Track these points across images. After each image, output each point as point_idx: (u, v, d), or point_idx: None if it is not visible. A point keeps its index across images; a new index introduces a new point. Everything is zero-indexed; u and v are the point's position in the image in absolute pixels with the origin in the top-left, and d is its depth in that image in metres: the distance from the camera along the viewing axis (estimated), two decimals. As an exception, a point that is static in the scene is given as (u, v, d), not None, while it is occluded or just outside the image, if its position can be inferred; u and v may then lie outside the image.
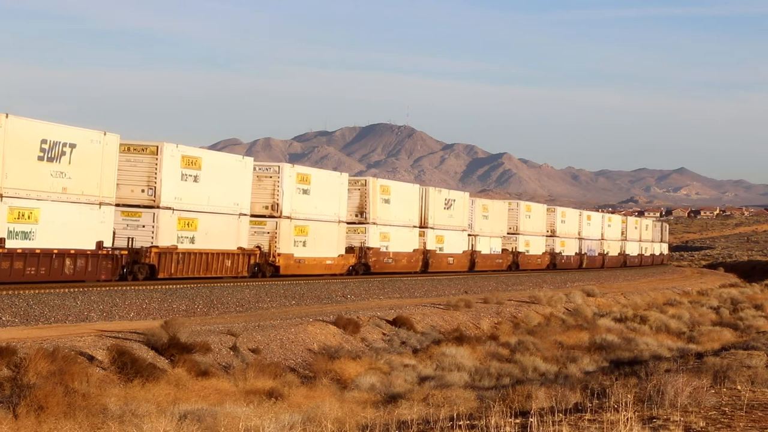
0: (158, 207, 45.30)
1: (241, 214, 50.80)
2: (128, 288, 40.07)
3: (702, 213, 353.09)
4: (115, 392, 21.99)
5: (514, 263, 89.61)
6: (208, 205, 48.40)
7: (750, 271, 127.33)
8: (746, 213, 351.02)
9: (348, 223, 62.16)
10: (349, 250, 62.15)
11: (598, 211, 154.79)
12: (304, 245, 56.30)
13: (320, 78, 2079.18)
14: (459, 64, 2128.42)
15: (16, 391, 19.73)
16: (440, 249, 74.33)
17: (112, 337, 26.71)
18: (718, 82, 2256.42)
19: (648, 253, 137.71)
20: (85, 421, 18.25)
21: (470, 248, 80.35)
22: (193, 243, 47.29)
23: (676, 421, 15.22)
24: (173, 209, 46.06)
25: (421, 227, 71.58)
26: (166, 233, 45.54)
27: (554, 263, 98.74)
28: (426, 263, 71.64)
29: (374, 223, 64.68)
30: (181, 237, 46.63)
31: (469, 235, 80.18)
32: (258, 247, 52.93)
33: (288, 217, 54.70)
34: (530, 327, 45.46)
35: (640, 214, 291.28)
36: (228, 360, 28.15)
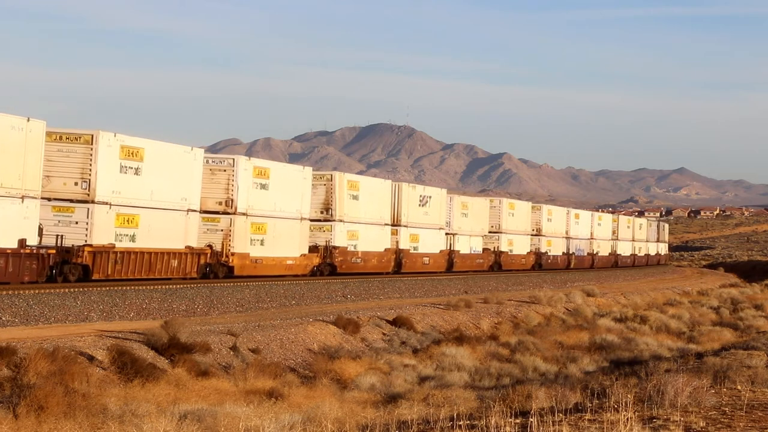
0: (93, 202, 41.90)
1: (189, 210, 47.21)
2: (128, 288, 40.07)
3: (702, 213, 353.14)
4: (115, 392, 21.99)
5: (496, 263, 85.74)
6: (152, 200, 44.67)
7: (750, 271, 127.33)
8: (746, 213, 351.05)
9: (312, 220, 58.71)
10: (314, 249, 58.64)
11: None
12: (261, 244, 52.71)
13: (320, 78, 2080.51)
14: (459, 64, 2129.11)
15: (16, 391, 19.73)
16: (415, 248, 70.63)
17: (112, 337, 26.71)
18: (718, 82, 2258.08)
19: (642, 253, 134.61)
20: (85, 421, 18.25)
21: (448, 248, 76.57)
22: (133, 241, 43.81)
23: (676, 421, 15.22)
24: (110, 204, 42.64)
25: (393, 225, 67.95)
26: (102, 230, 42.10)
27: (540, 263, 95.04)
28: (399, 263, 67.99)
29: (341, 221, 61.12)
30: (120, 235, 43.05)
31: (446, 233, 76.44)
32: (210, 246, 49.41)
33: (244, 214, 51.18)
34: (530, 327, 45.45)
35: (640, 214, 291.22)
36: (228, 360, 28.15)
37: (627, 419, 14.61)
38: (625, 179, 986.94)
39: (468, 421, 15.62)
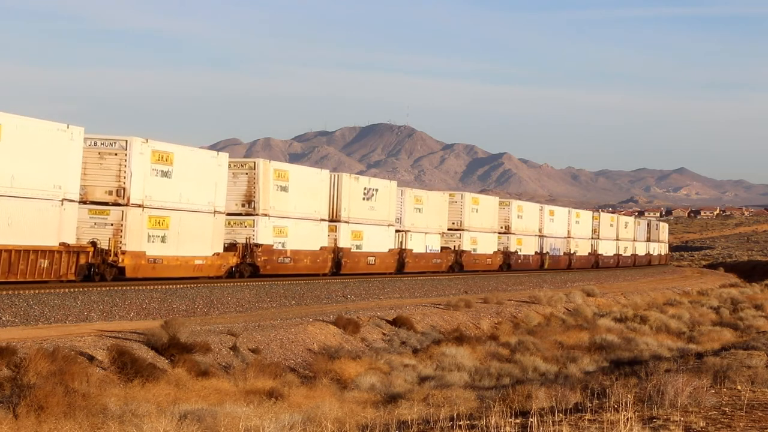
0: None
1: (65, 200, 40.48)
2: (128, 288, 40.06)
3: (702, 213, 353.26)
4: (115, 392, 21.99)
5: (457, 263, 78.21)
6: (12, 187, 37.74)
7: (750, 271, 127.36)
8: (746, 213, 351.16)
9: (231, 214, 51.87)
10: (232, 247, 51.63)
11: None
12: (163, 241, 45.62)
13: (320, 78, 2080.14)
14: (459, 64, 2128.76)
15: (16, 391, 19.73)
16: (357, 247, 63.24)
17: (112, 337, 26.71)
18: (718, 82, 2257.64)
19: (628, 254, 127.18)
20: (85, 421, 18.25)
21: (398, 246, 69.44)
22: None
23: (676, 421, 15.22)
24: None
25: (331, 221, 60.60)
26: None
27: (508, 263, 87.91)
28: (338, 263, 60.86)
29: (266, 215, 53.65)
30: None
31: (397, 231, 69.12)
32: (93, 242, 42.22)
33: (139, 206, 44.05)
34: (530, 327, 45.46)
35: (640, 214, 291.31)
36: (228, 360, 28.15)
37: (627, 419, 14.61)
38: (625, 179, 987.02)
39: (468, 421, 15.62)
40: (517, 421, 15.95)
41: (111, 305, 35.08)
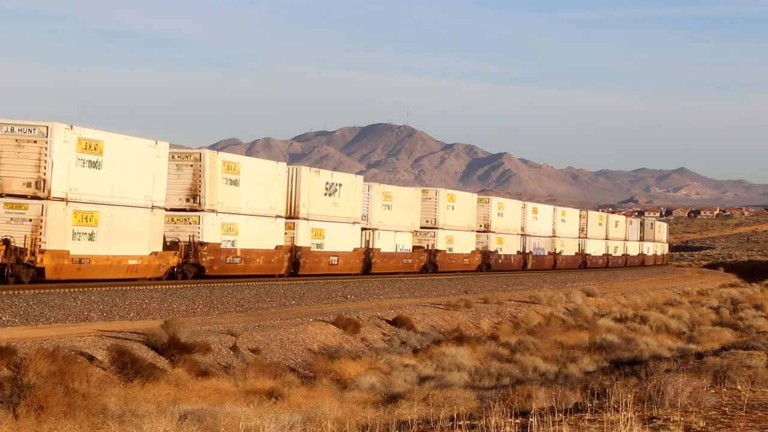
0: None
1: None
2: (128, 288, 40.02)
3: (702, 213, 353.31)
4: (115, 392, 21.99)
5: (431, 264, 73.68)
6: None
7: (750, 271, 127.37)
8: (746, 213, 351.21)
9: (174, 210, 47.80)
10: (174, 245, 47.09)
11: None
12: (91, 239, 41.19)
13: (320, 78, 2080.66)
14: (459, 64, 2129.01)
15: (16, 391, 19.73)
16: (318, 246, 58.50)
17: (112, 337, 26.72)
18: (718, 82, 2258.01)
19: (618, 254, 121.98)
20: (85, 421, 18.25)
21: (364, 245, 64.73)
22: None
23: (676, 421, 15.22)
24: None
25: (289, 217, 55.97)
26: None
27: (488, 264, 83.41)
28: (296, 264, 56.15)
29: (213, 211, 49.05)
30: None
31: (364, 229, 64.43)
32: (5, 240, 38.02)
33: (62, 199, 39.81)
34: (530, 327, 45.46)
35: (640, 213, 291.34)
36: (228, 360, 28.15)
37: (627, 419, 14.61)
38: (625, 179, 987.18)
39: (468, 421, 15.61)
40: (517, 421, 15.95)
41: (111, 305, 35.09)
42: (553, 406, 18.03)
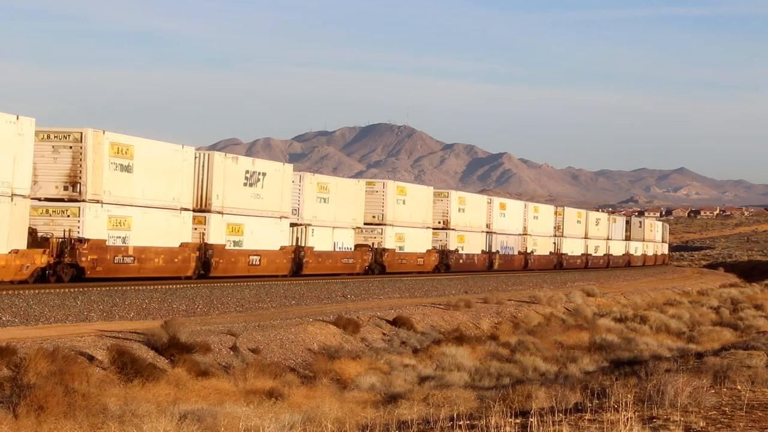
0: None
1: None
2: (128, 288, 40.04)
3: (702, 213, 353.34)
4: (115, 392, 21.99)
5: (377, 264, 66.81)
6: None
7: (750, 271, 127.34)
8: (746, 213, 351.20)
9: (48, 200, 41.30)
10: (43, 243, 40.18)
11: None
12: None
13: (320, 78, 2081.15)
14: (459, 64, 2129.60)
15: (16, 391, 19.73)
16: (236, 243, 51.44)
17: (112, 337, 26.72)
18: (718, 82, 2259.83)
19: (600, 254, 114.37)
20: (85, 421, 18.25)
21: (294, 243, 57.92)
22: None
23: (676, 421, 15.22)
24: None
25: (198, 211, 48.96)
26: None
27: (446, 264, 76.38)
28: (206, 264, 49.15)
29: (97, 201, 42.00)
30: None
31: (293, 224, 57.65)
32: None
33: None
34: (530, 327, 45.47)
35: (640, 213, 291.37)
36: (228, 360, 28.16)
37: (627, 419, 14.61)
38: (625, 179, 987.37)
39: (468, 421, 15.61)
40: (517, 421, 15.95)
41: (111, 305, 35.10)
42: (553, 406, 18.03)
